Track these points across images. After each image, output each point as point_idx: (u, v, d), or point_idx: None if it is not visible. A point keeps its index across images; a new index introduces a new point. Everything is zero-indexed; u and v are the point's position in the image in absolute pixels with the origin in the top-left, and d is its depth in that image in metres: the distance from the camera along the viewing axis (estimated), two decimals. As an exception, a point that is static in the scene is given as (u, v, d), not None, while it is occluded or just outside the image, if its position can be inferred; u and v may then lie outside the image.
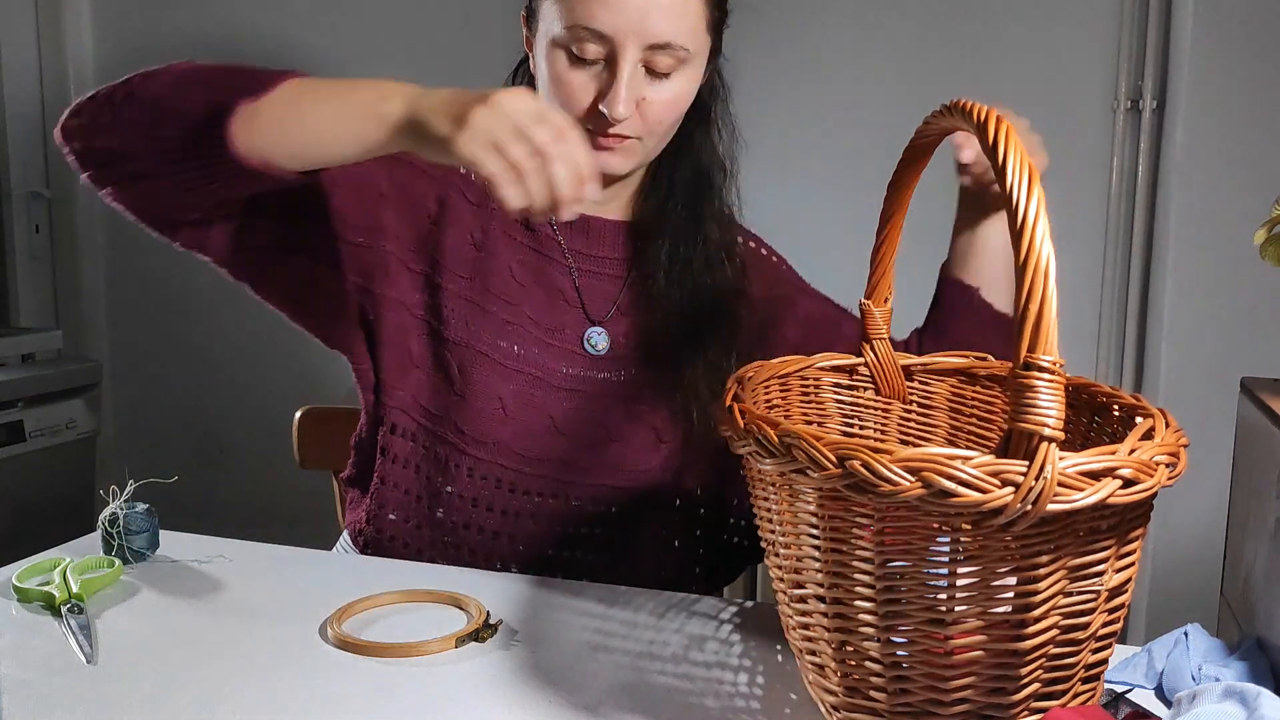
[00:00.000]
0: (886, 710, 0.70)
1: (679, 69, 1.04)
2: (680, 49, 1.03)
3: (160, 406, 2.81)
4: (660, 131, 1.07)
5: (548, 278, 1.14)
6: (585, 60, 1.02)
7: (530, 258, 1.14)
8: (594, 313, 1.15)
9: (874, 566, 0.67)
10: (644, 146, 1.08)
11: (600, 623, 0.93)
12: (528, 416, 1.11)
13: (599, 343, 1.14)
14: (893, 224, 0.87)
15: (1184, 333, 1.89)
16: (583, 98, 1.03)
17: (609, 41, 1.01)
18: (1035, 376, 0.61)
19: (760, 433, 0.69)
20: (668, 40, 1.01)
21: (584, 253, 1.16)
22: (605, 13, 1.00)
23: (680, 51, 1.03)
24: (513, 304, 1.12)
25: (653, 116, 1.05)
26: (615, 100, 1.01)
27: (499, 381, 1.10)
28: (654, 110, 1.05)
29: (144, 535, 1.04)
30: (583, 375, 1.13)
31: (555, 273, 1.15)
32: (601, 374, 1.14)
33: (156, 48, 2.68)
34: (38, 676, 0.82)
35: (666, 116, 1.06)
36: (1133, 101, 1.96)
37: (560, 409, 1.12)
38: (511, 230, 1.15)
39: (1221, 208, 1.85)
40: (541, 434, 1.12)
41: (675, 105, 1.06)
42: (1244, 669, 0.79)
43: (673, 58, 1.03)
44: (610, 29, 1.00)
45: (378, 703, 0.79)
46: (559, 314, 1.14)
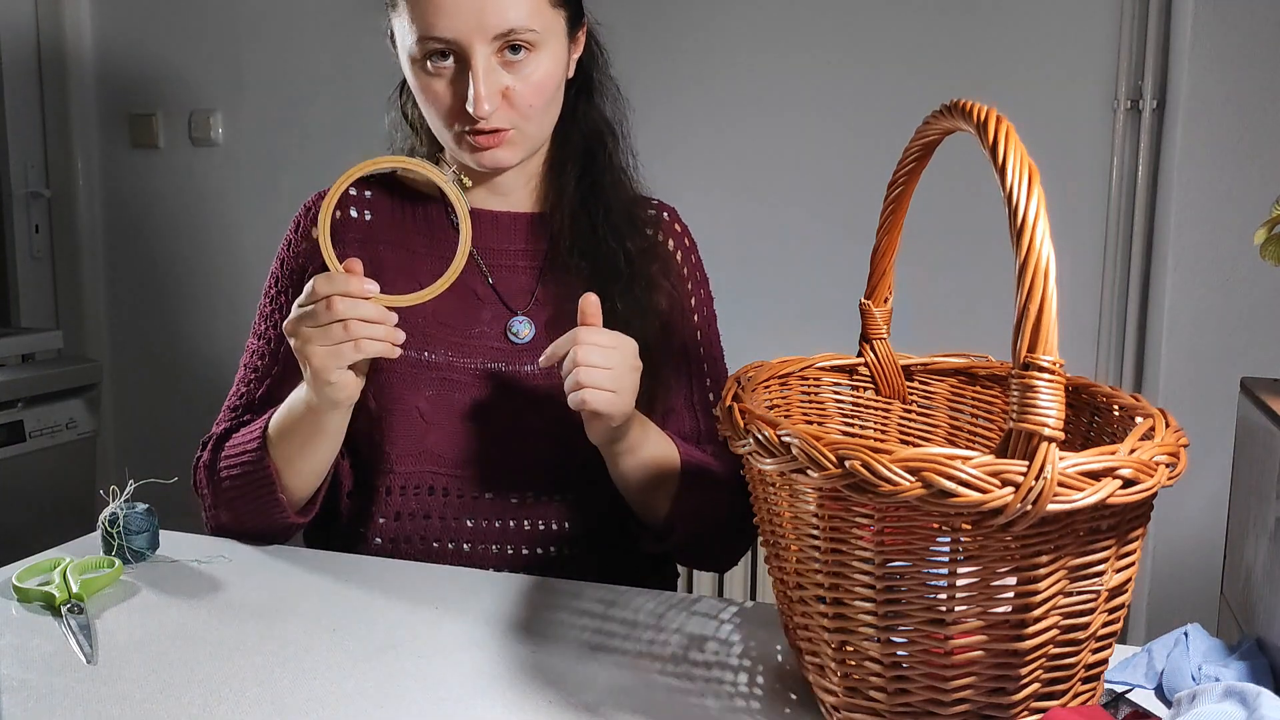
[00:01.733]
0: (886, 710, 0.70)
1: (534, 52, 1.05)
2: (526, 31, 1.04)
3: (160, 406, 2.81)
4: (535, 115, 1.08)
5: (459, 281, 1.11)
6: (442, 65, 1.04)
7: (438, 266, 1.12)
8: (513, 306, 1.15)
9: (874, 566, 0.67)
10: (525, 133, 1.08)
11: (600, 623, 0.93)
12: (448, 420, 1.11)
13: (521, 330, 1.14)
14: (893, 224, 0.87)
15: (1184, 333, 1.89)
16: (448, 101, 1.06)
17: (455, 44, 1.03)
18: (1035, 376, 0.61)
19: (760, 433, 0.69)
20: (510, 27, 1.03)
21: (492, 248, 1.16)
22: (443, 19, 1.02)
23: (527, 34, 1.04)
24: (417, 314, 1.10)
25: (522, 103, 1.06)
26: (476, 99, 1.03)
27: (411, 392, 1.11)
28: (521, 96, 1.06)
29: (144, 535, 1.04)
30: (507, 369, 1.13)
31: (465, 274, 1.12)
32: (527, 365, 1.13)
33: (157, 48, 2.68)
34: (38, 676, 0.82)
35: (536, 99, 1.07)
36: (1133, 101, 1.96)
37: (483, 406, 1.12)
38: (405, 245, 1.16)
39: (1221, 208, 1.85)
40: (465, 435, 1.11)
41: (541, 86, 1.07)
42: (1244, 669, 0.79)
43: (523, 42, 1.04)
44: (452, 33, 1.02)
45: (378, 703, 0.79)
46: (473, 313, 1.14)
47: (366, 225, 1.17)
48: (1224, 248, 1.85)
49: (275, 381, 1.16)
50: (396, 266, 1.15)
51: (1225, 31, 1.82)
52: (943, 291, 2.06)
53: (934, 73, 2.06)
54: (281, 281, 1.18)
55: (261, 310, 1.20)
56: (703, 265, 1.25)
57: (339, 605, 0.96)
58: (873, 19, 2.10)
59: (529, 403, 1.12)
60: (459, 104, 1.05)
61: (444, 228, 1.17)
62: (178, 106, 2.67)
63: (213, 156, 2.66)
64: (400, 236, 1.16)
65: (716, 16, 2.19)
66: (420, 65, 1.05)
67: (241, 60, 2.60)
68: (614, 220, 1.15)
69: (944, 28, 2.06)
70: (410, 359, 1.11)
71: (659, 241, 1.20)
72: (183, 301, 2.74)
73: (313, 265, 1.15)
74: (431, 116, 1.09)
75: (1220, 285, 1.87)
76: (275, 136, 2.59)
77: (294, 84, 2.55)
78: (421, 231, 1.17)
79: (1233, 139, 1.83)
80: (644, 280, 1.15)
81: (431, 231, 1.17)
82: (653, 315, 1.14)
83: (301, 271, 1.16)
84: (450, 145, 1.10)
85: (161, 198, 2.73)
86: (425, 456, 1.12)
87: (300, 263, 1.17)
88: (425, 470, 1.12)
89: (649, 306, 1.14)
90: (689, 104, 2.21)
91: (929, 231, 1.94)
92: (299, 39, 2.54)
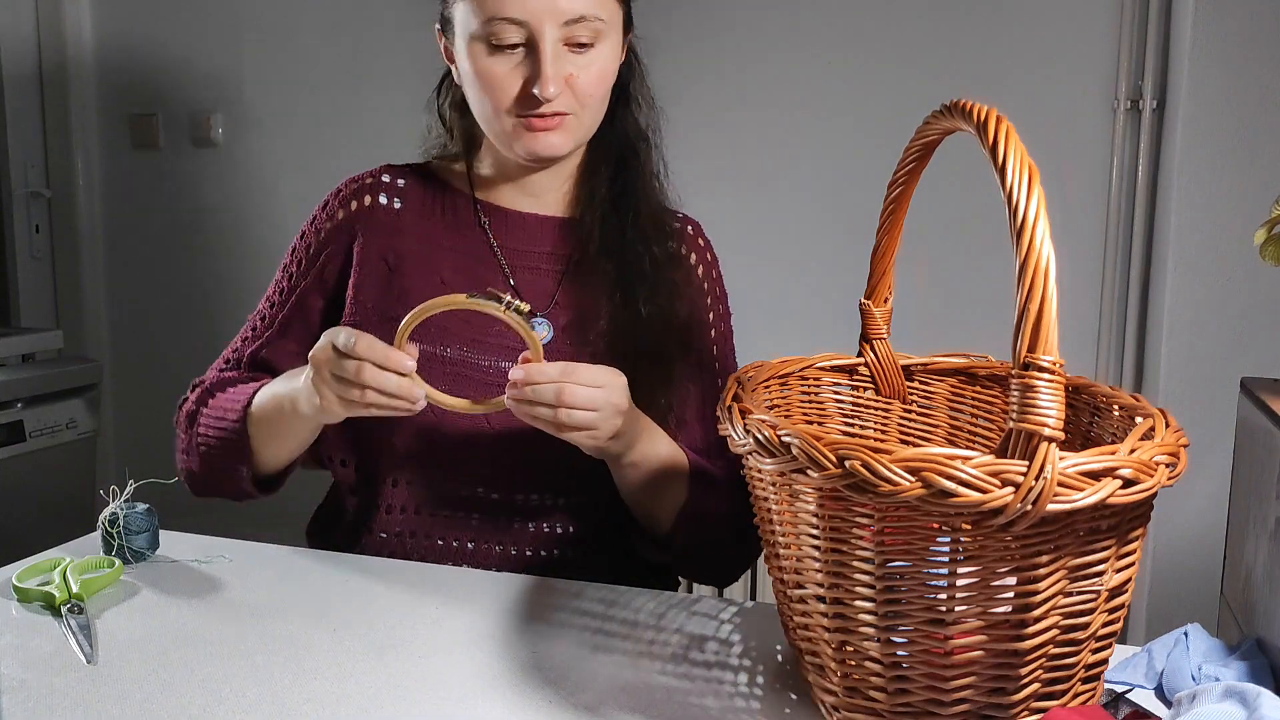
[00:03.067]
0: (886, 710, 0.70)
1: (598, 41, 1.07)
2: (595, 19, 1.06)
3: (160, 406, 2.80)
4: (593, 105, 1.10)
5: (481, 279, 1.14)
6: (506, 49, 1.05)
7: (461, 262, 1.15)
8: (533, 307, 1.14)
9: (874, 566, 0.67)
10: (580, 122, 1.10)
11: (600, 623, 0.93)
12: (456, 417, 1.09)
13: (539, 332, 1.13)
14: (893, 224, 0.87)
15: (1184, 333, 1.89)
16: (510, 86, 1.06)
17: (526, 26, 1.04)
18: (1035, 376, 0.61)
19: (760, 433, 0.69)
20: (581, 14, 1.04)
21: (518, 249, 1.17)
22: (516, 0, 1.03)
23: (596, 23, 1.06)
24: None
25: (583, 90, 1.07)
26: (544, 81, 1.04)
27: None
28: (583, 84, 1.07)
29: (144, 535, 1.04)
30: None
31: (487, 273, 1.15)
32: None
33: (157, 48, 2.68)
34: (38, 676, 0.82)
35: (596, 89, 1.09)
36: (1133, 101, 1.96)
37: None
38: (431, 238, 1.16)
39: (1221, 208, 1.85)
40: (475, 435, 1.11)
41: (602, 76, 1.09)
42: (1244, 669, 0.79)
43: (590, 29, 1.06)
44: (524, 14, 1.03)
45: (378, 703, 0.79)
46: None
47: (395, 214, 1.17)
48: (1224, 248, 1.84)
49: (269, 346, 1.19)
50: (416, 256, 1.15)
51: (1225, 31, 1.82)
52: (943, 291, 2.06)
53: (934, 73, 2.06)
54: (298, 253, 1.19)
55: (276, 279, 1.21)
56: (722, 281, 1.26)
57: (339, 605, 0.96)
58: (873, 19, 2.10)
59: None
60: (520, 88, 1.06)
61: (470, 224, 1.17)
62: (178, 107, 2.67)
63: (213, 157, 2.66)
64: (425, 227, 1.17)
65: (715, 17, 2.19)
66: (483, 48, 1.06)
67: (241, 60, 2.60)
68: (642, 225, 1.16)
69: (944, 28, 2.06)
70: (425, 353, 1.10)
71: (682, 254, 1.21)
72: (183, 301, 2.74)
73: (331, 247, 1.17)
74: (487, 103, 1.08)
75: (1220, 285, 1.87)
76: (275, 136, 2.59)
77: (294, 84, 2.55)
78: (448, 225, 1.17)
79: (1233, 139, 1.83)
80: (667, 287, 1.15)
81: (458, 225, 1.17)
82: (674, 323, 1.15)
83: (321, 249, 1.18)
84: (502, 133, 1.09)
85: (161, 198, 2.73)
86: (433, 452, 1.11)
87: (321, 239, 1.18)
88: (432, 466, 1.12)
89: (671, 313, 1.15)
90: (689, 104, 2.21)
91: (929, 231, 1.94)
92: (299, 39, 2.54)
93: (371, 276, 1.15)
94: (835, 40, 2.13)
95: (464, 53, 1.08)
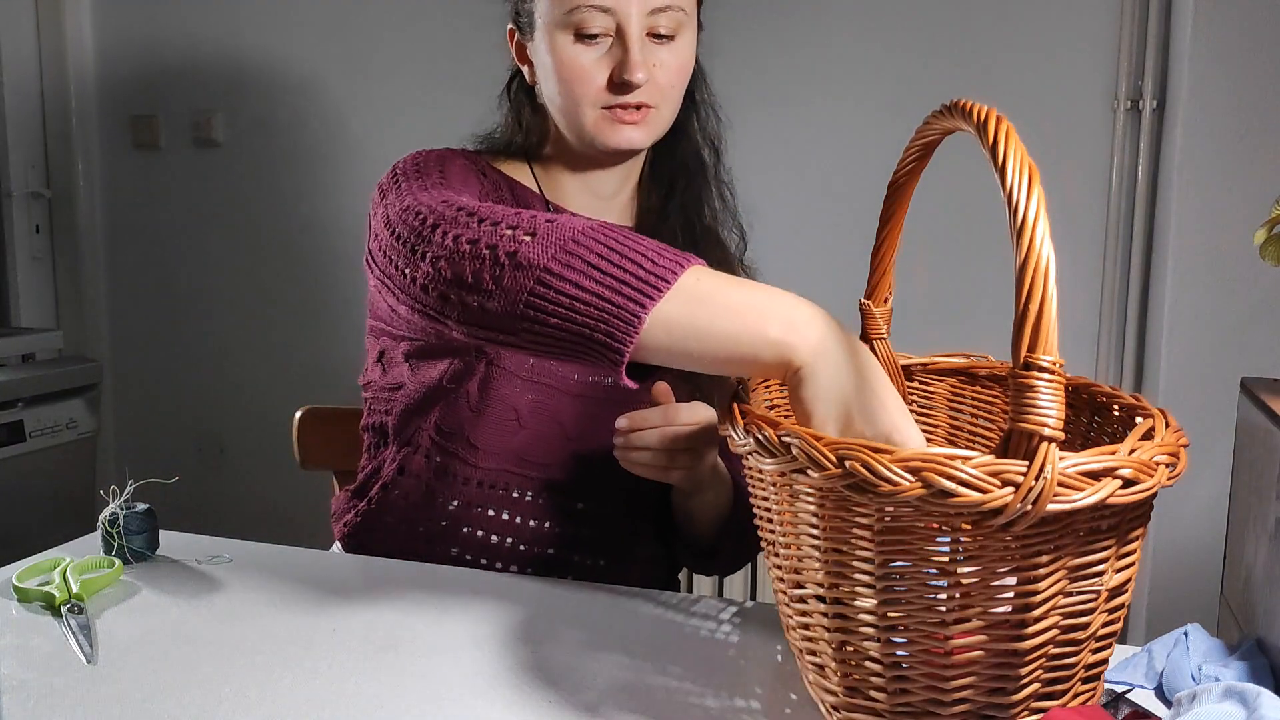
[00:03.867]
0: (886, 710, 0.70)
1: (680, 31, 1.08)
2: (678, 9, 1.07)
3: (160, 406, 2.81)
4: (672, 97, 1.10)
5: None
6: (592, 38, 1.05)
7: None
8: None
9: (874, 566, 0.67)
10: (660, 115, 1.10)
11: (600, 623, 0.93)
12: (539, 425, 1.12)
13: None
14: (893, 224, 0.87)
15: (1184, 333, 1.89)
16: (597, 75, 1.06)
17: (612, 14, 1.05)
18: (1035, 376, 0.61)
19: (760, 433, 0.69)
20: (666, 3, 1.06)
21: None
22: None
23: (678, 13, 1.07)
24: None
25: (665, 81, 1.08)
26: (632, 66, 1.04)
27: (516, 394, 1.11)
28: (665, 74, 1.08)
29: (144, 535, 1.04)
30: (592, 379, 1.13)
31: None
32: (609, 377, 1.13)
33: (158, 48, 2.68)
34: (38, 676, 0.82)
35: (677, 80, 1.10)
36: (1133, 101, 1.96)
37: (570, 415, 1.12)
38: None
39: (1221, 208, 1.85)
40: (550, 440, 1.12)
41: (682, 70, 1.10)
42: (1244, 669, 0.79)
43: (672, 20, 1.07)
44: (611, 1, 1.04)
45: (378, 703, 0.79)
46: None
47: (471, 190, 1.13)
48: (1224, 248, 1.85)
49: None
50: None
51: (1225, 31, 1.82)
52: (943, 291, 2.06)
53: (934, 73, 2.06)
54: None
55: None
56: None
57: (339, 605, 0.96)
58: (873, 19, 2.10)
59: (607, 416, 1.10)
60: (604, 77, 1.06)
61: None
62: (179, 107, 2.67)
63: (213, 157, 2.66)
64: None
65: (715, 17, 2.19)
66: (567, 38, 1.06)
67: (241, 60, 2.60)
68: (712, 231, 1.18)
69: (944, 27, 2.06)
70: (520, 360, 1.10)
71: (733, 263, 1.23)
72: (183, 302, 2.74)
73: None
74: (569, 94, 1.08)
75: (1220, 285, 1.87)
76: (275, 136, 2.59)
77: (294, 84, 2.55)
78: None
79: (1233, 139, 1.84)
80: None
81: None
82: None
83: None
84: (584, 126, 1.09)
85: (162, 198, 2.73)
86: (509, 456, 1.11)
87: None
88: (506, 469, 1.11)
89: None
90: (689, 104, 2.21)
91: (929, 231, 1.95)
92: (299, 39, 2.54)
93: None
94: (835, 40, 2.13)
95: (544, 45, 1.08)
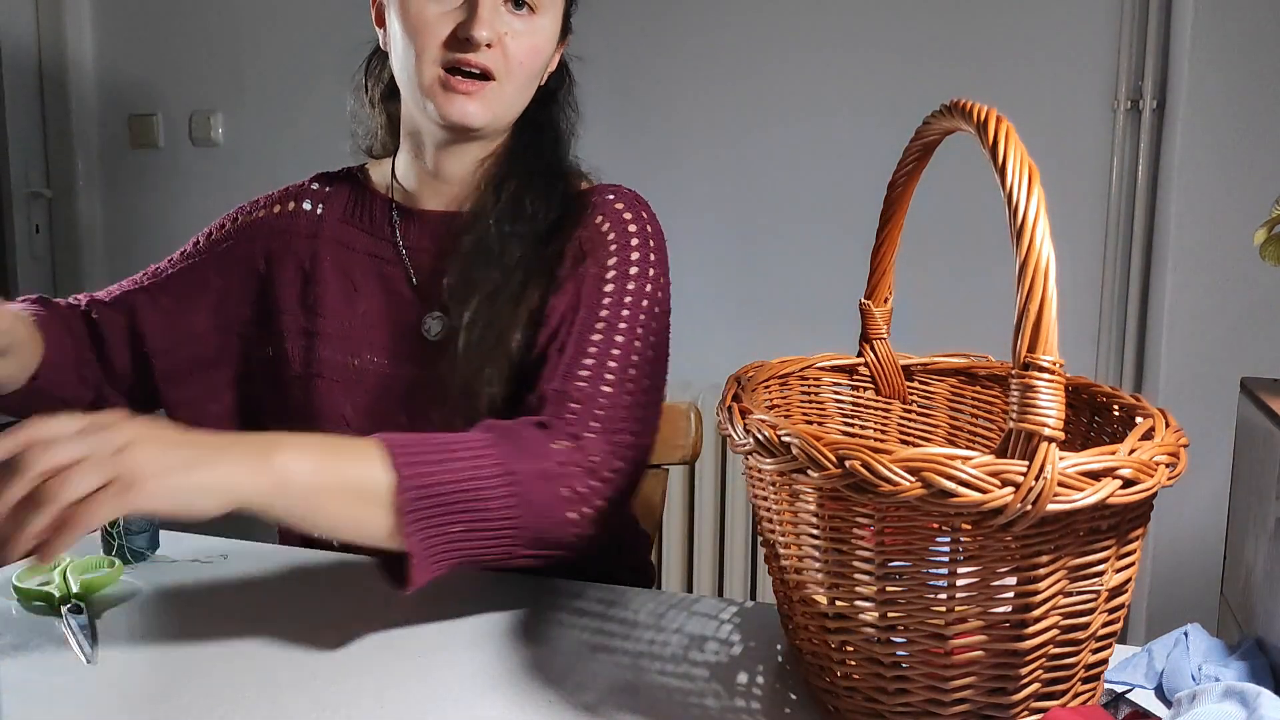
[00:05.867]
0: (886, 710, 0.70)
1: (535, 15, 1.05)
2: None
3: (160, 406, 2.81)
4: (518, 77, 1.06)
5: (387, 280, 1.13)
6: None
7: (370, 264, 1.14)
8: (429, 303, 1.12)
9: (874, 566, 0.67)
10: (501, 93, 1.06)
11: (600, 623, 0.93)
12: (375, 426, 1.03)
13: (433, 327, 1.11)
14: (893, 224, 0.87)
15: (1184, 333, 1.89)
16: (440, 29, 1.03)
17: None
18: (1035, 376, 0.61)
19: (760, 433, 0.69)
20: None
21: (424, 248, 1.14)
22: None
23: None
24: (348, 317, 1.11)
25: (513, 55, 1.04)
26: (478, 22, 1.01)
27: (340, 399, 1.10)
28: (514, 49, 1.04)
29: (144, 535, 1.04)
30: (425, 370, 1.10)
31: (394, 272, 1.13)
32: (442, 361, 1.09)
33: (157, 48, 2.68)
34: (38, 676, 0.82)
35: (527, 59, 1.06)
36: (1133, 101, 1.96)
37: (409, 410, 1.10)
38: (347, 243, 1.15)
39: (1221, 208, 1.85)
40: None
41: (535, 50, 1.06)
42: (1244, 669, 0.79)
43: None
44: None
45: (378, 702, 0.79)
46: (401, 312, 1.12)
47: (316, 219, 1.17)
48: (1224, 248, 1.85)
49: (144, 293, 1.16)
50: (334, 263, 1.14)
51: (1225, 31, 1.82)
52: (943, 291, 2.06)
53: (934, 73, 2.06)
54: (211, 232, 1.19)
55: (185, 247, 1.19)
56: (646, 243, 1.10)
57: (339, 605, 0.96)
58: (873, 19, 2.10)
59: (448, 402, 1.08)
60: (447, 31, 1.02)
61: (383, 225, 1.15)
62: (178, 107, 2.67)
63: (213, 157, 2.66)
64: (343, 232, 1.16)
65: (716, 17, 2.19)
66: None
67: (241, 60, 2.60)
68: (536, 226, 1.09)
69: (944, 28, 2.06)
70: (338, 365, 1.10)
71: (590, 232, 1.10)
72: (183, 301, 2.74)
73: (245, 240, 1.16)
74: (411, 52, 1.04)
75: (1220, 285, 1.87)
76: (275, 136, 2.59)
77: (294, 84, 2.55)
78: (364, 229, 1.16)
79: (1233, 139, 1.84)
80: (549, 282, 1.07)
81: (372, 229, 1.16)
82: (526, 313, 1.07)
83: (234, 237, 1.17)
84: (422, 88, 1.05)
85: (161, 198, 2.73)
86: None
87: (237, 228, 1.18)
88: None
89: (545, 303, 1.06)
90: (690, 104, 2.21)
91: (929, 231, 1.95)
92: (299, 39, 2.54)
93: (288, 287, 1.14)
94: (835, 40, 2.13)
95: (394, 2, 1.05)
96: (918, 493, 0.61)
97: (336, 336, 1.11)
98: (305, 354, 1.12)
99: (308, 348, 1.12)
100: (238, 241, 1.17)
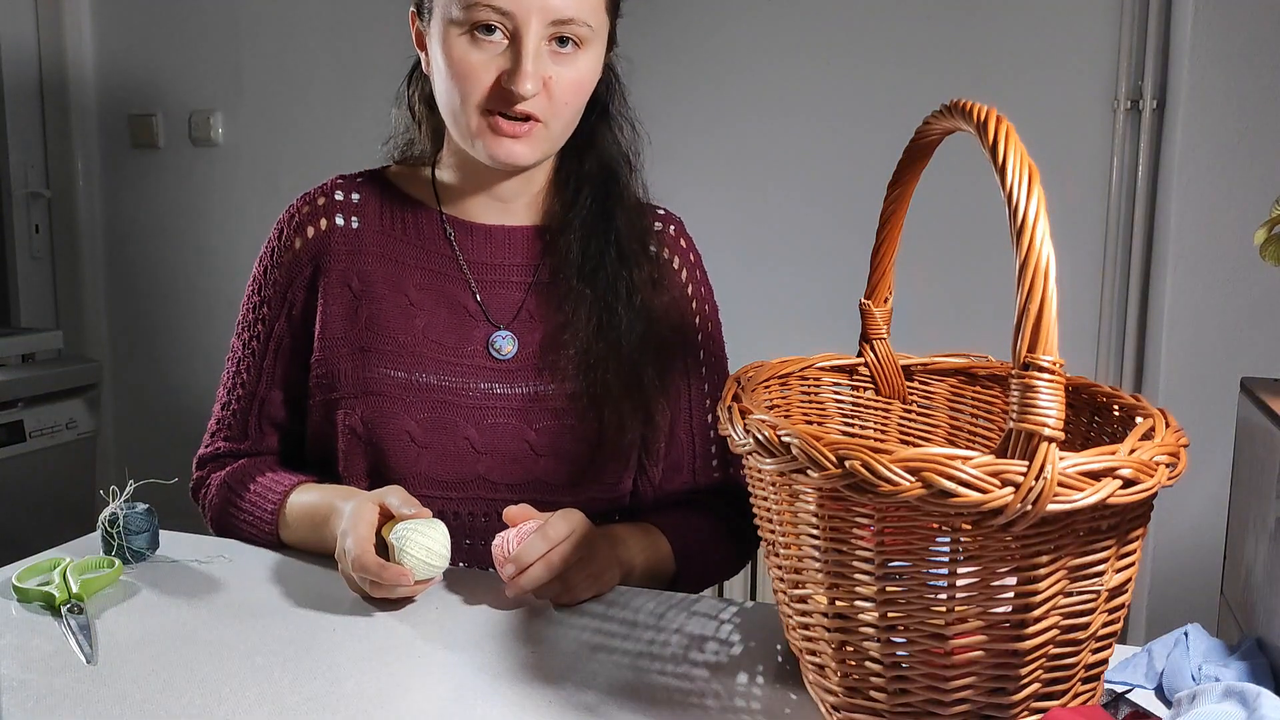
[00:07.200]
0: (886, 710, 0.70)
1: (581, 49, 1.03)
2: (583, 24, 1.01)
3: (160, 406, 2.81)
4: (566, 116, 1.05)
5: (449, 295, 1.12)
6: (485, 39, 1.00)
7: (427, 280, 1.12)
8: (498, 320, 1.12)
9: (874, 566, 0.67)
10: (549, 133, 1.05)
11: (600, 623, 0.93)
12: (442, 442, 1.08)
13: (504, 346, 1.11)
14: (893, 224, 0.87)
15: (1184, 333, 1.89)
16: (485, 76, 1.01)
17: (511, 18, 0.99)
18: (1035, 376, 0.61)
19: (760, 433, 0.69)
20: (570, 16, 1.00)
21: (485, 262, 1.13)
22: None
23: (583, 28, 1.01)
24: (407, 332, 1.10)
25: (559, 97, 1.03)
26: (522, 76, 0.99)
27: (402, 415, 1.08)
28: (560, 90, 1.02)
29: (144, 535, 1.04)
30: (494, 387, 1.10)
31: (454, 288, 1.12)
32: (514, 384, 1.11)
33: (157, 48, 2.68)
34: (38, 676, 0.82)
35: (572, 98, 1.04)
36: (1133, 101, 1.96)
37: (477, 427, 1.09)
38: (395, 257, 1.13)
39: (1221, 208, 1.85)
40: (460, 456, 1.09)
41: (580, 85, 1.04)
42: (1244, 669, 0.79)
43: (575, 35, 1.02)
44: (512, 5, 0.98)
45: (378, 702, 0.79)
46: (465, 329, 1.11)
47: (354, 234, 1.13)
48: (1224, 248, 1.85)
49: (261, 403, 1.16)
50: (384, 279, 1.12)
51: (1225, 31, 1.82)
52: (943, 291, 2.06)
53: (934, 73, 2.06)
54: (265, 291, 1.15)
55: (245, 316, 1.16)
56: (707, 277, 1.23)
57: (339, 605, 0.96)
58: (873, 19, 2.10)
59: (519, 421, 1.10)
60: (494, 82, 1.01)
61: (435, 238, 1.14)
62: (177, 107, 2.68)
63: (213, 156, 2.66)
64: (387, 244, 1.13)
65: (718, 17, 2.19)
66: (461, 35, 1.01)
67: (241, 60, 2.60)
68: (623, 250, 1.12)
69: (944, 28, 2.06)
70: (401, 381, 1.09)
71: (664, 259, 1.18)
72: (182, 301, 2.74)
73: (295, 283, 1.13)
74: (456, 94, 1.03)
75: (1220, 285, 1.87)
76: (275, 136, 2.59)
77: (294, 84, 2.56)
78: (411, 240, 1.13)
79: (1233, 139, 1.84)
80: (646, 310, 1.12)
81: (421, 241, 1.13)
82: (653, 344, 1.12)
83: (285, 287, 1.13)
84: (467, 130, 1.04)
85: (161, 198, 2.73)
86: (419, 480, 1.08)
87: (283, 276, 1.14)
88: (420, 495, 1.06)
89: (650, 336, 1.12)
90: (690, 104, 2.21)
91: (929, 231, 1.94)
92: (299, 39, 2.54)
93: (338, 307, 1.11)
94: (835, 40, 2.13)
95: (439, 37, 1.03)
96: (918, 493, 0.61)
97: (392, 353, 1.09)
98: (357, 371, 1.10)
99: (359, 365, 1.10)
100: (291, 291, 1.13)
